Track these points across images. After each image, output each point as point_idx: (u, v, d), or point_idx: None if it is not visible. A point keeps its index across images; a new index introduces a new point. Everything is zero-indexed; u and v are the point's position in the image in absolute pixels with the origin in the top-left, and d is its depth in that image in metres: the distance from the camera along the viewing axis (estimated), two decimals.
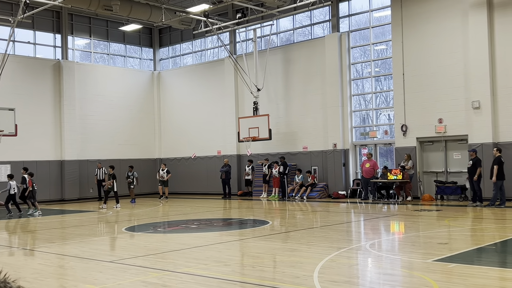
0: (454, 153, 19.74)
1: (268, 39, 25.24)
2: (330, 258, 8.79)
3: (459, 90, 19.12)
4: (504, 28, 18.25)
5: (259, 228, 13.40)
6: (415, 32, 20.28)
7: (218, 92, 27.47)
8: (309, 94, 23.98)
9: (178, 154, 29.09)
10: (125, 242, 12.02)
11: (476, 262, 8.61)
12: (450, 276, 7.44)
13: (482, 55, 18.45)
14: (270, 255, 9.58)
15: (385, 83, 22.82)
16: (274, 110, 24.67)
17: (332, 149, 22.90)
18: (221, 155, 27.07)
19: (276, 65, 25.00)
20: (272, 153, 24.65)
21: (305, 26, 25.07)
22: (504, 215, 14.78)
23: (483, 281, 7.03)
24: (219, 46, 27.79)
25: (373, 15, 22.62)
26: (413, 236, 11.62)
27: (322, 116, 23.42)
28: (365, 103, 23.42)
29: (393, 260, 8.94)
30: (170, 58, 30.87)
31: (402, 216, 15.50)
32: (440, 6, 19.67)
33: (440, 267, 7.97)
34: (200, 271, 8.14)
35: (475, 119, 18.63)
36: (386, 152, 22.85)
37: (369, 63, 22.98)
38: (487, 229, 12.21)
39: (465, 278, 7.23)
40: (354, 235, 12.49)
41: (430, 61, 19.89)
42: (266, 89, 24.82)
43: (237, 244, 11.16)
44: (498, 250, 9.63)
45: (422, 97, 20.03)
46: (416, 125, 20.23)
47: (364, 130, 23.10)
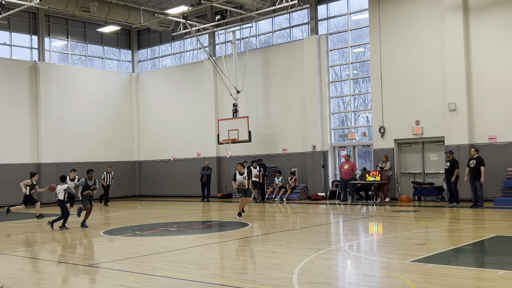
0: (431, 155, 20.00)
1: (247, 41, 25.27)
2: (309, 260, 8.83)
3: (436, 92, 19.38)
4: (479, 31, 18.55)
5: (239, 231, 13.39)
6: (393, 35, 20.51)
7: (198, 94, 27.40)
8: (289, 96, 24.06)
9: (157, 157, 28.92)
10: (103, 246, 11.90)
11: (453, 263, 8.72)
12: (428, 277, 7.53)
13: (458, 58, 18.73)
14: (249, 257, 9.58)
15: (363, 85, 23.01)
16: (253, 112, 24.69)
17: (311, 151, 23.01)
18: (200, 157, 26.99)
19: (255, 67, 25.03)
20: (251, 155, 24.65)
21: (284, 29, 25.16)
22: (481, 216, 15.01)
23: (460, 281, 7.13)
24: (198, 48, 27.72)
25: (351, 18, 22.81)
26: (391, 237, 11.74)
27: (301, 118, 23.52)
28: (343, 105, 23.59)
29: (372, 261, 9.02)
30: (149, 60, 30.69)
31: (380, 217, 15.64)
32: (417, 9, 19.92)
33: (418, 268, 8.06)
34: (179, 274, 8.10)
35: (451, 121, 18.89)
36: (365, 153, 23.04)
37: (347, 65, 23.15)
38: (464, 230, 12.39)
39: (442, 278, 7.32)
40: (333, 237, 12.56)
41: (407, 63, 20.12)
42: (246, 91, 24.84)
43: (216, 246, 11.14)
44: (475, 250, 9.77)
45: (400, 99, 20.25)
46: (394, 127, 20.44)
47: (342, 132, 23.26)
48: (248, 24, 24.76)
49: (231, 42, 25.23)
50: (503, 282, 6.98)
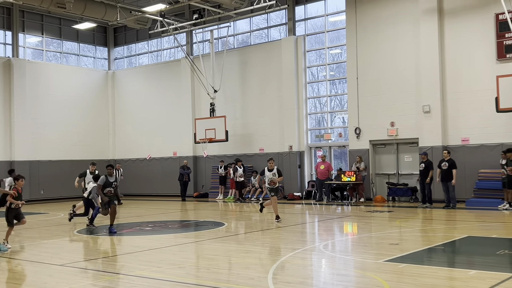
0: (405, 156, 20.26)
1: (225, 40, 25.23)
2: (284, 259, 8.86)
3: (411, 94, 19.64)
4: (453, 35, 18.85)
5: (215, 230, 13.38)
6: (369, 37, 20.71)
7: (175, 92, 27.26)
8: (266, 96, 24.11)
9: (133, 155, 28.69)
10: (77, 245, 11.76)
11: (426, 262, 8.85)
12: (401, 276, 7.63)
13: (432, 61, 19.01)
14: (225, 257, 9.57)
15: (340, 87, 23.19)
16: (231, 112, 24.67)
17: (288, 151, 23.10)
18: (177, 156, 26.86)
19: (233, 66, 25.01)
20: (228, 155, 24.63)
21: (262, 29, 25.20)
22: (453, 216, 15.25)
23: (433, 280, 7.23)
24: (175, 46, 27.58)
25: (329, 19, 22.97)
26: (366, 237, 11.86)
27: (278, 118, 23.60)
28: (320, 106, 23.74)
29: (346, 260, 9.10)
30: (125, 57, 30.41)
31: (355, 217, 15.78)
32: (393, 12, 20.15)
33: (391, 267, 8.16)
34: (154, 274, 8.05)
35: (425, 122, 19.16)
36: (340, 154, 23.22)
37: (324, 66, 23.30)
38: (437, 230, 12.58)
39: (415, 278, 7.43)
40: (308, 236, 12.62)
41: (383, 65, 20.35)
42: (223, 91, 24.81)
43: (192, 246, 11.10)
44: (447, 250, 9.93)
45: (375, 101, 20.46)
46: (369, 128, 20.65)
47: (319, 132, 23.40)
48: (226, 24, 24.72)
49: (209, 41, 25.18)
50: (475, 281, 7.11)
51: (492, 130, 17.88)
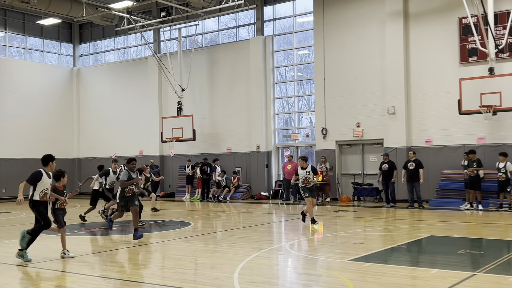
0: (371, 156, 20.55)
1: (193, 39, 25.10)
2: (251, 259, 8.87)
3: (376, 96, 19.93)
4: (418, 38, 19.22)
5: (181, 230, 13.29)
6: (336, 38, 20.92)
7: (141, 91, 26.98)
8: (234, 96, 24.09)
9: (98, 154, 28.25)
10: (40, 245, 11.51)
11: (390, 261, 8.99)
12: (365, 275, 7.73)
13: (397, 63, 19.33)
14: (191, 257, 9.52)
15: (307, 87, 23.36)
16: (198, 111, 24.56)
17: (255, 150, 23.14)
18: (143, 155, 26.58)
19: (201, 65, 24.91)
20: (196, 154, 24.52)
21: (230, 28, 25.17)
22: (416, 216, 15.54)
23: (396, 279, 7.35)
24: (142, 44, 27.30)
25: (297, 20, 23.11)
26: (331, 236, 11.98)
27: (246, 118, 23.61)
28: (288, 106, 23.86)
29: (312, 260, 9.17)
30: (91, 54, 29.93)
31: (321, 217, 15.90)
32: (360, 14, 20.41)
33: (356, 267, 8.26)
34: (118, 274, 7.95)
35: (390, 124, 19.48)
36: (307, 154, 23.37)
37: (292, 67, 23.44)
38: (400, 230, 12.80)
39: (378, 277, 7.54)
40: (275, 236, 12.67)
41: (349, 67, 20.59)
42: (191, 90, 24.68)
43: (157, 246, 11.00)
44: (410, 249, 10.11)
45: (342, 102, 20.69)
46: (336, 129, 20.87)
47: (286, 132, 23.51)
48: (194, 22, 24.61)
49: (177, 40, 25.01)
50: (436, 280, 7.26)
51: (454, 132, 18.30)
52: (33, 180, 9.02)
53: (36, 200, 9.04)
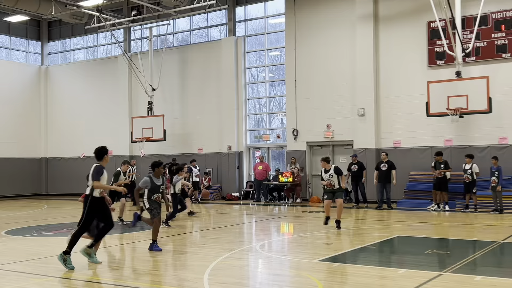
0: (341, 157, 20.75)
1: (164, 38, 24.92)
2: (221, 260, 8.85)
3: (346, 97, 20.13)
4: (387, 41, 19.49)
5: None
6: (308, 40, 21.06)
7: (111, 90, 26.64)
8: (205, 96, 24.01)
9: (66, 154, 27.78)
10: (5, 246, 11.25)
11: (358, 262, 9.08)
12: (334, 275, 7.80)
13: (367, 65, 19.57)
14: (160, 258, 9.44)
15: (279, 88, 23.45)
16: (169, 111, 24.39)
17: (226, 151, 23.10)
18: (112, 155, 26.22)
19: (172, 65, 24.74)
20: (166, 155, 24.33)
21: (202, 28, 25.09)
22: (385, 217, 15.76)
23: (364, 279, 7.44)
24: (112, 43, 26.97)
25: (268, 21, 23.18)
26: (301, 237, 12.04)
27: (218, 119, 23.56)
28: (259, 107, 23.90)
29: (282, 260, 9.20)
30: (60, 52, 29.42)
31: (291, 218, 16.00)
32: (330, 16, 20.58)
33: (325, 267, 8.33)
34: (85, 277, 7.83)
35: (360, 125, 19.70)
36: (278, 155, 23.48)
37: (264, 68, 23.49)
38: (369, 230, 12.95)
39: (347, 277, 7.62)
40: (245, 237, 12.68)
41: (320, 69, 20.74)
42: (162, 89, 24.49)
43: (126, 247, 10.88)
44: (379, 250, 10.24)
45: (313, 103, 20.84)
46: (307, 130, 21.00)
47: (258, 133, 23.56)
48: (165, 22, 24.44)
49: (147, 39, 24.79)
50: (404, 280, 7.36)
51: (422, 134, 18.62)
52: (97, 176, 8.43)
53: (96, 197, 8.42)
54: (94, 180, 8.41)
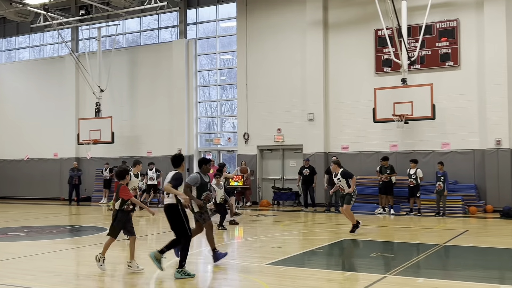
0: (290, 161, 20.96)
1: (113, 39, 24.48)
2: (169, 265, 8.75)
3: (297, 102, 20.36)
4: (337, 47, 19.84)
5: (97, 236, 12.87)
6: (259, 44, 21.18)
7: (57, 90, 25.94)
8: (155, 98, 23.73)
9: (9, 155, 26.83)
10: None
11: (306, 265, 9.19)
12: (282, 279, 7.85)
13: (317, 71, 19.86)
14: (107, 263, 9.23)
15: (231, 92, 23.46)
16: (118, 113, 23.96)
17: None
18: (58, 157, 25.55)
19: (121, 66, 24.34)
20: (114, 157, 23.87)
21: (153, 29, 24.81)
22: (333, 220, 16.00)
23: (311, 282, 7.53)
24: (59, 42, 26.27)
25: (220, 25, 23.17)
26: (250, 240, 12.07)
27: (168, 121, 23.33)
28: (211, 110, 23.84)
29: (231, 264, 9.18)
30: (4, 51, 28.41)
31: (241, 221, 15.99)
32: (282, 21, 20.78)
33: (273, 270, 8.37)
34: (28, 283, 7.58)
35: (309, 130, 19.96)
36: (229, 158, 23.46)
37: (215, 71, 23.45)
38: (318, 233, 13.13)
39: (295, 280, 7.69)
40: (195, 241, 12.54)
41: (271, 73, 20.90)
42: (110, 91, 24.03)
43: (71, 252, 10.61)
44: (326, 253, 10.39)
45: (263, 107, 20.96)
46: (257, 134, 21.10)
47: (209, 136, 23.48)
48: (114, 22, 24.02)
49: (96, 39, 24.29)
50: (349, 283, 7.51)
51: (369, 139, 19.03)
52: (176, 182, 8.05)
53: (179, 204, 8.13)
54: (172, 186, 8.02)
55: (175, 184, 8.00)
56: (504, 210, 16.16)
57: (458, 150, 17.81)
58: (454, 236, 12.06)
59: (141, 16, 23.84)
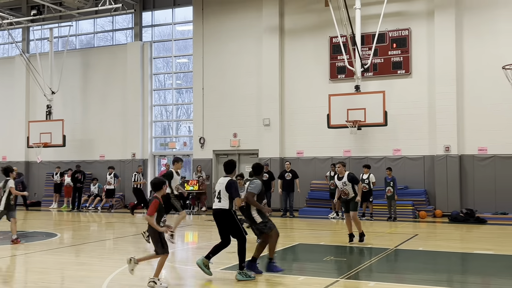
0: (246, 166, 20.95)
1: (66, 40, 23.93)
2: (120, 271, 8.60)
3: (253, 107, 20.44)
4: (292, 54, 20.04)
5: (46, 241, 12.52)
6: (216, 49, 21.16)
7: (7, 92, 25.13)
8: (109, 101, 23.32)
9: None
10: None
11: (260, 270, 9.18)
12: (235, 285, 7.83)
13: (273, 77, 20.00)
14: (57, 270, 9.00)
15: (187, 96, 23.32)
16: (70, 116, 23.42)
17: (130, 158, 22.55)
18: (6, 161, 24.69)
19: (74, 68, 23.81)
20: (65, 161, 23.30)
21: (107, 31, 24.40)
22: (287, 224, 16.10)
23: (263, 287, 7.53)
24: (9, 42, 25.50)
25: (176, 28, 23.02)
26: (205, 245, 11.98)
27: (122, 125, 22.97)
28: (166, 114, 23.61)
29: (184, 270, 9.12)
30: None
31: (196, 226, 15.92)
32: (238, 27, 20.83)
33: (228, 276, 8.35)
34: None
35: (265, 135, 20.06)
36: (185, 163, 23.27)
37: (171, 74, 23.26)
38: None
39: (249, 285, 7.67)
40: (148, 246, 12.38)
41: (228, 78, 20.91)
42: (62, 93, 23.45)
43: (19, 259, 10.26)
44: (280, 257, 10.42)
45: (220, 112, 20.93)
46: (213, 138, 21.05)
47: (164, 140, 23.25)
48: (67, 23, 23.49)
49: (48, 40, 23.68)
50: (302, 287, 7.56)
51: (323, 145, 19.29)
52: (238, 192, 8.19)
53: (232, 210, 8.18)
54: (236, 197, 8.13)
55: (236, 192, 8.12)
56: (452, 215, 16.68)
57: (409, 156, 18.28)
58: (404, 240, 12.34)
59: (95, 18, 23.41)
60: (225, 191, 8.06)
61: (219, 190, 8.17)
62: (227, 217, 8.18)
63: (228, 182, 8.11)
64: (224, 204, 8.16)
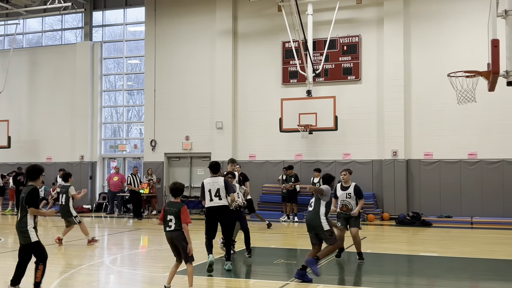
0: (198, 169, 20.89)
1: (12, 38, 23.16)
2: (66, 276, 8.39)
3: (205, 110, 20.36)
4: (245, 57, 20.09)
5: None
6: (168, 50, 20.97)
7: None
8: (57, 101, 22.72)
9: None
10: None
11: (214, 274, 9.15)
12: None
13: (226, 80, 20.00)
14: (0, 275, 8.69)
15: (138, 97, 22.99)
16: (15, 116, 22.68)
17: (78, 161, 22.03)
18: None
19: (20, 67, 23.08)
20: (10, 163, 22.52)
21: (56, 30, 23.78)
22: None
23: None
24: None
25: (128, 28, 22.68)
26: (155, 250, 11.86)
27: (70, 126, 22.42)
28: (116, 116, 23.19)
29: (134, 275, 8.98)
30: None
31: (146, 230, 15.70)
32: (192, 29, 20.72)
33: (178, 280, 8.26)
34: None
35: (218, 138, 20.02)
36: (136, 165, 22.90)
37: (122, 75, 22.88)
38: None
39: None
40: (96, 251, 12.14)
41: (180, 80, 20.76)
42: (7, 92, 22.67)
43: None
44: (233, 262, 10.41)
45: (172, 114, 20.75)
46: (165, 141, 20.83)
47: (114, 143, 22.82)
48: (14, 21, 22.75)
49: None
50: None
51: (275, 148, 19.43)
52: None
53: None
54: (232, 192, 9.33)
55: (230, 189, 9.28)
56: (399, 218, 17.13)
57: (358, 160, 18.65)
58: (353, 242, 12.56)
59: (44, 16, 22.78)
60: (224, 189, 9.06)
61: (217, 188, 9.05)
62: (228, 212, 9.22)
63: (225, 180, 9.14)
64: (225, 201, 9.15)
